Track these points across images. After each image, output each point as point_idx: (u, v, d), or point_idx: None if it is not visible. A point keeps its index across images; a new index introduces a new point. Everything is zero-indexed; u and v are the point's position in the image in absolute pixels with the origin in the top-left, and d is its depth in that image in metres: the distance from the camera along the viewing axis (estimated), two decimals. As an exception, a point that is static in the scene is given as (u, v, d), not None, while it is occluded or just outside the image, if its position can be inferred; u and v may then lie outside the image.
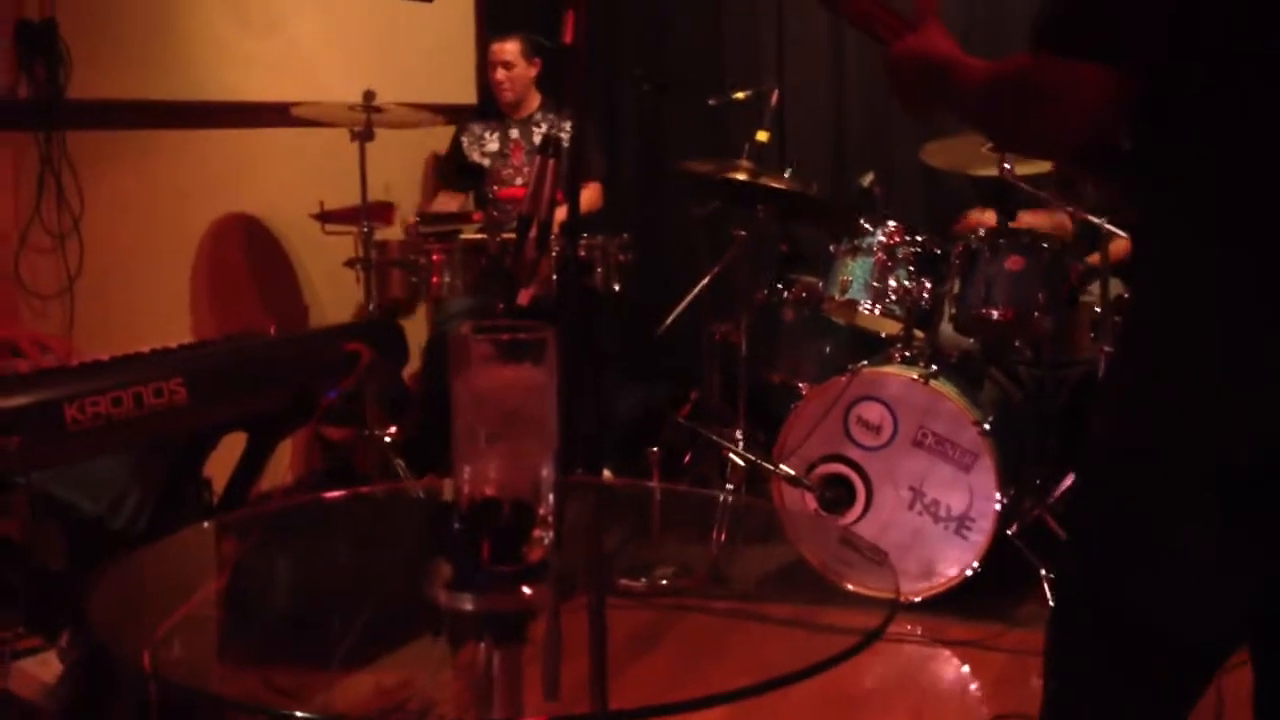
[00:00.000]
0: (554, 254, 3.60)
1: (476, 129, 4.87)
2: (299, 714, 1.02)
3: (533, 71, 4.78)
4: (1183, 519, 1.34)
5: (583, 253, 3.92)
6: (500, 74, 4.75)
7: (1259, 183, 1.31)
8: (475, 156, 4.82)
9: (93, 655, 2.30)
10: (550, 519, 1.32)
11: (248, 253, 4.41)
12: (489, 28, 5.34)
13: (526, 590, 1.29)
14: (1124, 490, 1.39)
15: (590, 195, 4.72)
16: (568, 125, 3.60)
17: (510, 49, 4.74)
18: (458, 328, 1.33)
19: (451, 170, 4.92)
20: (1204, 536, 1.33)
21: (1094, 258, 3.64)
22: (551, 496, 1.32)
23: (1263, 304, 1.30)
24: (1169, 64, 1.31)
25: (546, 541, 1.32)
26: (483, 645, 1.30)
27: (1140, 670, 1.42)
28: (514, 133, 4.80)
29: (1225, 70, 1.30)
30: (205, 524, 2.17)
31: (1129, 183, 1.47)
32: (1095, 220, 3.51)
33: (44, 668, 2.40)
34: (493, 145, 4.82)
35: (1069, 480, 3.57)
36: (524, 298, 1.63)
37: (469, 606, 1.29)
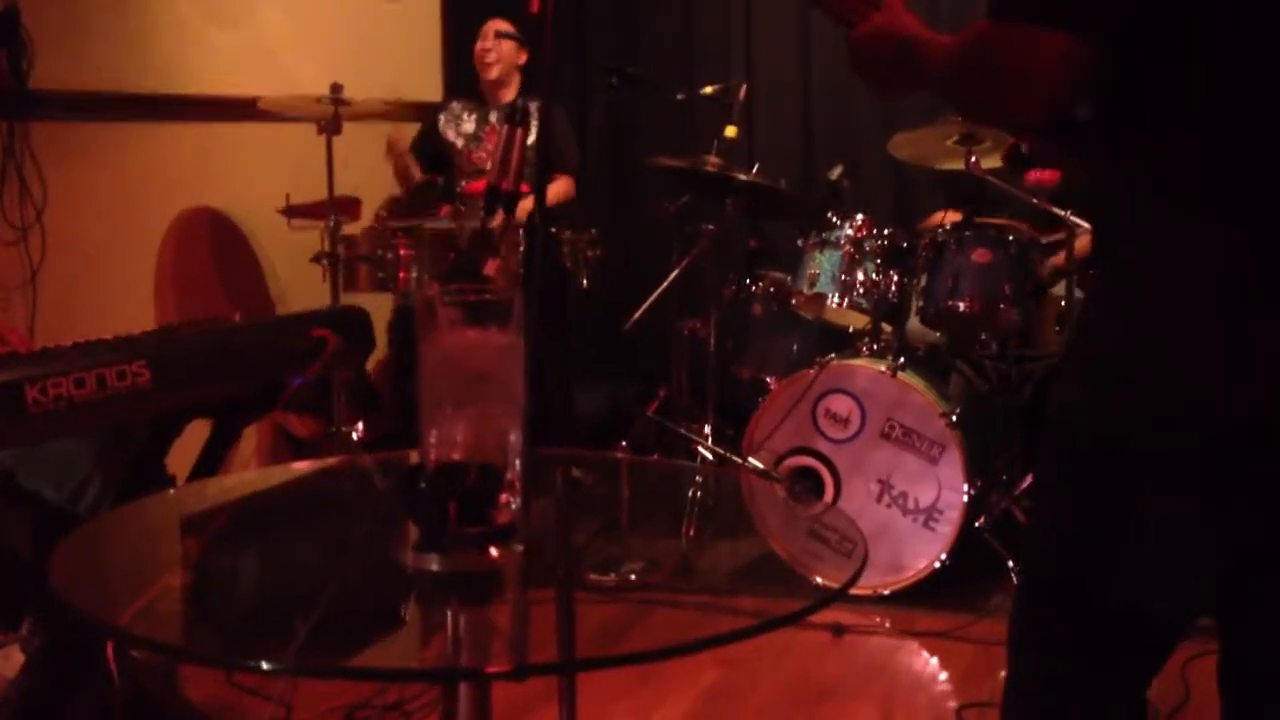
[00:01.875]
0: (521, 248, 3.59)
1: (456, 108, 4.84)
2: (264, 665, 1.00)
3: (521, 58, 4.76)
4: (1158, 497, 1.32)
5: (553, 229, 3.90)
6: (490, 43, 4.70)
7: (1241, 153, 1.28)
8: (450, 135, 4.78)
9: (55, 643, 2.27)
10: (517, 483, 1.31)
11: (213, 247, 4.38)
12: (456, 24, 5.33)
13: (494, 551, 1.28)
14: (1093, 469, 1.37)
15: (561, 186, 4.70)
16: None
17: (500, 25, 4.72)
18: (424, 291, 1.33)
19: (421, 151, 4.86)
20: (1177, 514, 1.31)
21: (1059, 258, 3.66)
22: (519, 461, 1.31)
23: (1251, 278, 1.27)
24: (1135, 30, 1.31)
25: (514, 506, 1.31)
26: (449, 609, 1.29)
27: (1105, 647, 1.41)
28: (493, 116, 4.78)
29: (1200, 35, 1.29)
30: (171, 491, 2.15)
31: (1095, 154, 1.46)
32: (1059, 212, 3.53)
33: (4, 661, 2.36)
34: (469, 126, 4.79)
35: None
36: (490, 268, 1.63)
37: (435, 567, 1.29)
